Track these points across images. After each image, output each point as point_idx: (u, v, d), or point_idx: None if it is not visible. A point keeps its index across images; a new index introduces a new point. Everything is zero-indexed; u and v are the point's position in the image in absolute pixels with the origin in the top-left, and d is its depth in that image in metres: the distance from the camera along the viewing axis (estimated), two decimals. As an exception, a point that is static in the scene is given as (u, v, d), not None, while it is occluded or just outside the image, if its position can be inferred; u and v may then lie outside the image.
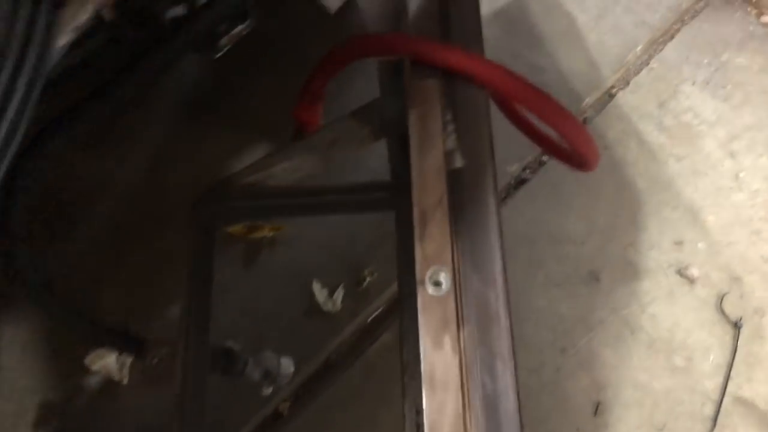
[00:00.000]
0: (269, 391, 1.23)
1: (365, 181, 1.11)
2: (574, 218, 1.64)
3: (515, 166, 1.67)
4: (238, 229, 1.54)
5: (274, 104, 1.59)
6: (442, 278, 0.74)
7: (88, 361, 1.35)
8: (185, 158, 1.58)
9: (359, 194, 1.14)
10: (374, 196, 1.13)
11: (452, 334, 0.73)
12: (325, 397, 1.48)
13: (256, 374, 1.18)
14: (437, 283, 0.74)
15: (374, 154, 1.15)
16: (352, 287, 1.56)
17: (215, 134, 1.60)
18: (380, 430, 1.43)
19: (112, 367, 1.29)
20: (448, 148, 0.81)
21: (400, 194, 1.04)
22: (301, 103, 1.06)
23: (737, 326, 1.55)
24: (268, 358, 1.20)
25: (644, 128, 1.72)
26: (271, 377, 1.19)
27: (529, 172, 1.69)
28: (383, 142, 1.06)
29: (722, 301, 1.58)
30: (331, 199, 1.13)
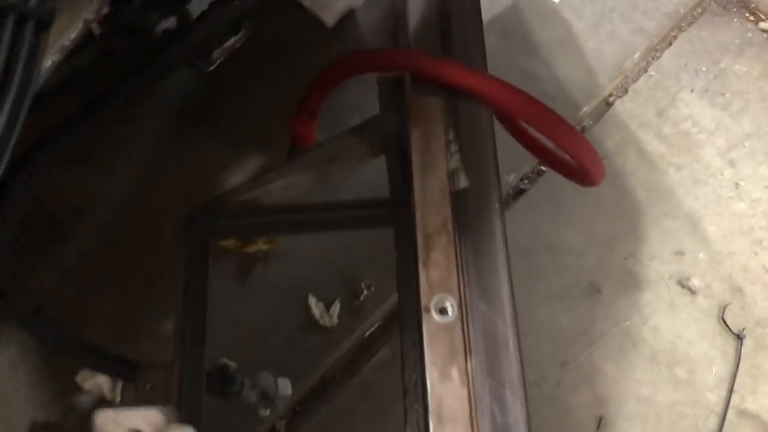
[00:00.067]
0: (266, 413, 1.20)
1: (363, 197, 1.08)
2: (573, 229, 1.62)
3: (513, 176, 1.65)
4: (231, 242, 1.51)
5: (267, 116, 1.56)
6: (448, 306, 0.72)
7: (79, 379, 1.32)
8: (176, 171, 1.55)
9: (357, 210, 1.11)
10: (372, 212, 1.10)
11: (460, 364, 0.70)
12: (322, 414, 1.45)
13: (252, 396, 1.14)
14: (443, 310, 0.72)
15: (371, 167, 1.12)
16: (348, 301, 1.52)
17: (207, 147, 1.57)
18: (379, 448, 1.40)
19: (104, 385, 1.26)
20: (451, 168, 0.79)
21: (399, 210, 1.02)
22: (296, 117, 1.03)
23: (740, 338, 1.53)
24: (264, 379, 1.17)
25: (643, 137, 1.70)
26: (268, 399, 1.16)
27: (527, 182, 1.66)
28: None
29: (724, 312, 1.55)
30: (328, 215, 1.11)
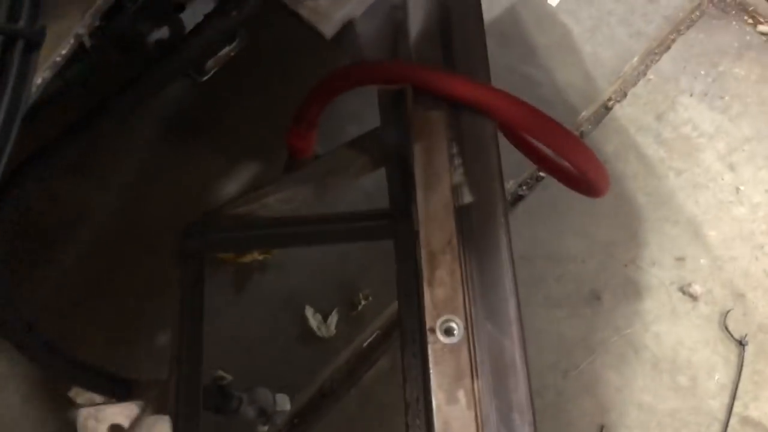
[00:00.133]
0: (265, 429, 1.18)
1: (362, 209, 1.06)
2: (573, 235, 1.60)
3: (511, 182, 1.63)
4: (226, 253, 1.49)
5: (263, 125, 1.54)
6: (454, 326, 0.70)
7: (72, 394, 1.30)
8: (170, 182, 1.53)
9: (356, 223, 1.09)
10: (372, 224, 1.08)
11: (467, 387, 0.68)
12: (320, 426, 1.43)
13: (250, 412, 1.12)
14: (449, 330, 0.70)
15: (370, 176, 1.10)
16: (346, 311, 1.51)
17: (201, 157, 1.55)
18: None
19: (97, 400, 1.24)
20: (455, 182, 0.77)
21: (399, 223, 1.00)
22: (294, 129, 1.01)
23: (742, 344, 1.52)
24: (262, 395, 1.15)
25: (643, 141, 1.69)
26: (266, 415, 1.13)
27: (525, 188, 1.64)
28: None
29: (726, 318, 1.54)
30: (327, 228, 1.09)
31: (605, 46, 1.79)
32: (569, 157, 0.80)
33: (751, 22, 1.85)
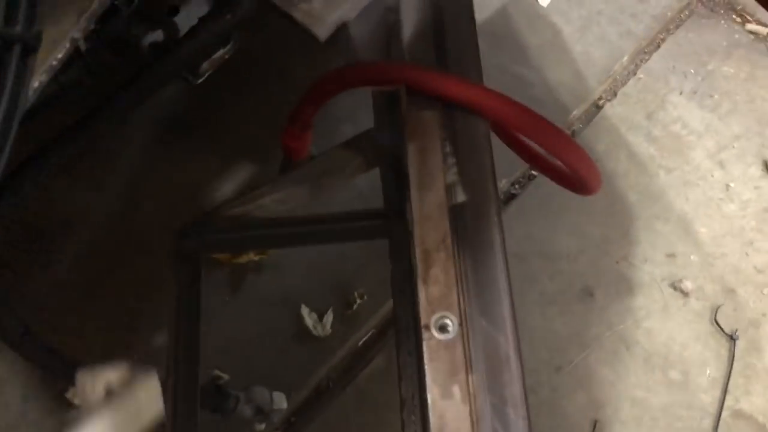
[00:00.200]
0: (262, 427, 1.19)
1: (356, 209, 1.07)
2: (565, 233, 1.62)
3: (504, 181, 1.64)
4: (222, 254, 1.49)
5: (258, 127, 1.55)
6: (448, 323, 0.71)
7: (69, 395, 1.30)
8: (166, 183, 1.53)
9: (350, 222, 1.10)
10: (366, 224, 1.09)
11: (461, 382, 0.69)
12: (316, 424, 1.44)
13: (247, 411, 1.13)
14: (443, 327, 0.71)
15: (364, 177, 1.12)
16: (341, 310, 1.52)
17: (196, 159, 1.56)
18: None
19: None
20: (449, 181, 0.78)
21: (393, 222, 1.01)
22: (289, 130, 1.02)
23: (733, 339, 1.54)
24: (259, 393, 1.15)
25: (633, 140, 1.70)
26: (263, 413, 1.14)
27: (518, 187, 1.66)
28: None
29: (717, 313, 1.56)
30: (322, 228, 1.10)
31: (595, 45, 1.81)
32: (561, 155, 0.81)
33: (739, 20, 1.87)
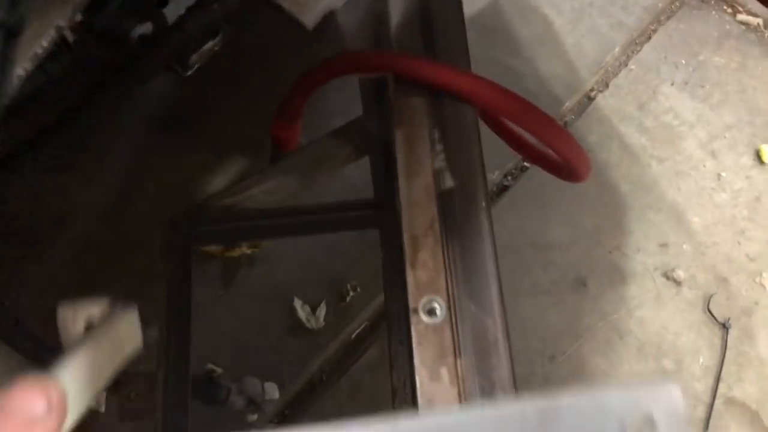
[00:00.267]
0: (254, 418, 1.19)
1: (347, 199, 1.07)
2: (558, 224, 1.62)
3: (496, 173, 1.65)
4: (214, 247, 1.49)
5: (248, 119, 1.55)
6: (436, 306, 0.71)
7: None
8: (157, 178, 1.53)
9: (341, 213, 1.10)
10: (357, 214, 1.09)
11: (449, 365, 0.69)
12: (310, 416, 1.44)
13: (239, 402, 1.13)
14: (431, 311, 0.71)
15: (356, 168, 1.12)
16: (334, 303, 1.52)
17: (187, 153, 1.56)
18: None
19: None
20: (437, 167, 0.78)
21: (383, 212, 1.01)
22: (278, 120, 1.02)
23: (725, 327, 1.54)
24: (251, 384, 1.15)
25: (625, 130, 1.71)
26: (255, 404, 1.14)
27: (510, 179, 1.66)
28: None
29: (709, 302, 1.56)
30: (312, 218, 1.10)
31: (587, 37, 1.81)
32: (549, 140, 0.81)
33: (730, 11, 1.87)
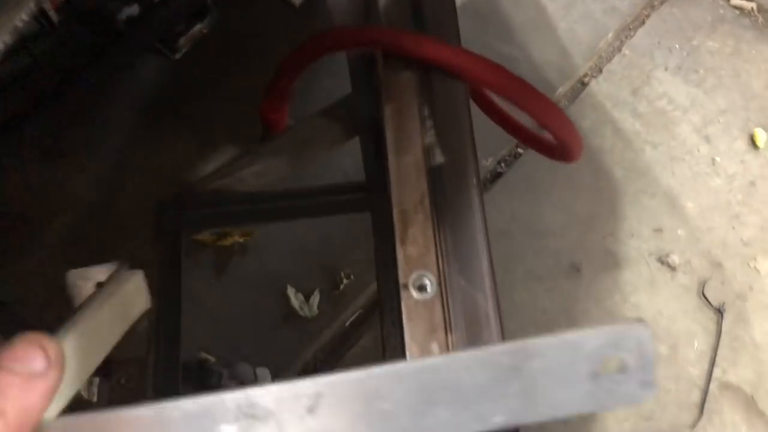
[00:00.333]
0: (247, 404, 1.17)
1: (338, 182, 1.06)
2: (551, 210, 1.61)
3: (490, 159, 1.64)
4: (207, 236, 1.48)
5: (238, 105, 1.53)
6: (426, 282, 0.70)
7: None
8: (146, 164, 1.52)
9: (332, 196, 1.09)
10: (348, 197, 1.08)
11: (440, 340, 0.68)
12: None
13: (231, 387, 1.12)
14: (422, 287, 0.70)
15: (345, 152, 1.11)
16: (328, 291, 1.51)
17: (177, 139, 1.54)
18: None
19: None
20: (426, 143, 0.77)
21: (375, 195, 1.00)
22: (267, 102, 1.01)
23: (720, 312, 1.54)
24: (243, 369, 1.14)
25: (619, 116, 1.70)
26: (248, 390, 1.13)
27: (504, 165, 1.65)
28: (355, 140, 1.02)
29: (704, 287, 1.56)
30: (303, 202, 1.09)
31: (580, 22, 1.80)
32: (539, 116, 0.80)
33: (723, -5, 1.87)
